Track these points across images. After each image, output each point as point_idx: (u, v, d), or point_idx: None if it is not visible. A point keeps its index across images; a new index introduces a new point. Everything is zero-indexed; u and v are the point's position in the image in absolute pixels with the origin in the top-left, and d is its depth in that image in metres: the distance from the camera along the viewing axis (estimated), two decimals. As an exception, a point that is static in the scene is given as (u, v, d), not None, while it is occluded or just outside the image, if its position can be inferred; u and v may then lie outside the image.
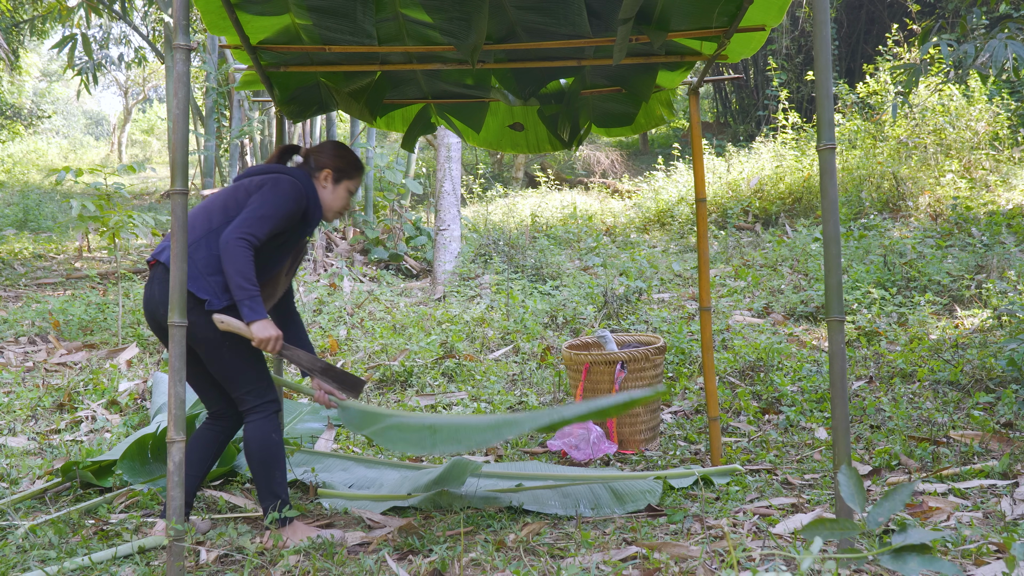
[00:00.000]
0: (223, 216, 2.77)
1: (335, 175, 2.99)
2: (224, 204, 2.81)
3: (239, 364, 2.74)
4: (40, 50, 25.46)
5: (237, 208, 2.78)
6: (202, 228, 2.76)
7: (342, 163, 3.01)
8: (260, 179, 2.85)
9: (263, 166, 2.96)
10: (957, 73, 5.32)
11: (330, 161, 2.99)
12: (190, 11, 2.53)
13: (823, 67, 2.32)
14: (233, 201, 2.81)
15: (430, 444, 2.62)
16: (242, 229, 2.67)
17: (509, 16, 2.98)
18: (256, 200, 2.76)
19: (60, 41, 10.74)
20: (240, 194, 2.83)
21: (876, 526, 1.54)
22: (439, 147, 8.32)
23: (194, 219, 2.79)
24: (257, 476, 2.77)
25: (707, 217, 4.10)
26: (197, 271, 2.69)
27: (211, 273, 2.70)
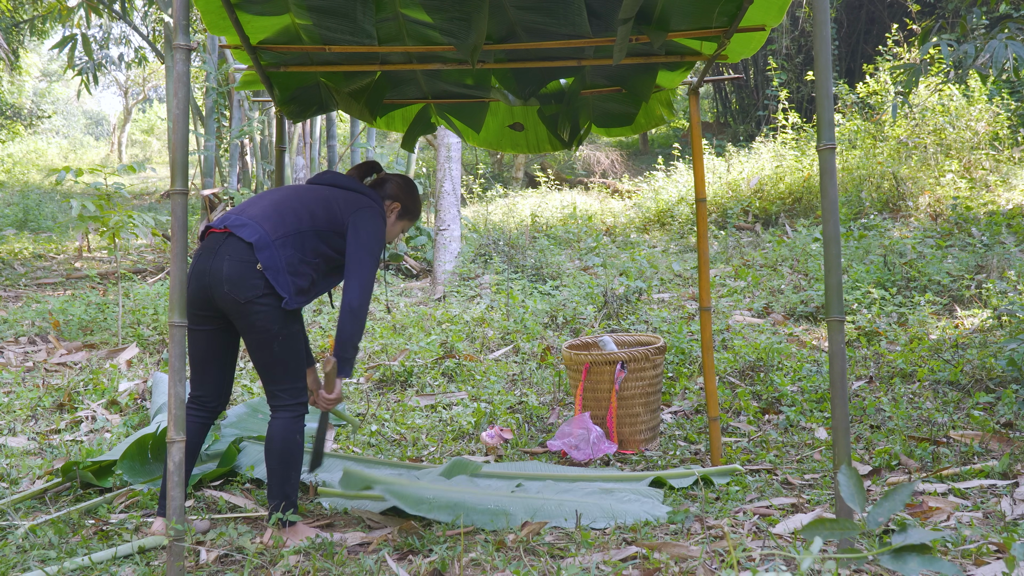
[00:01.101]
0: (312, 220, 2.79)
1: (401, 211, 3.10)
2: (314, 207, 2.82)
3: (285, 360, 2.76)
4: (40, 50, 25.46)
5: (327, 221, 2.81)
6: (292, 225, 2.76)
7: (411, 203, 3.12)
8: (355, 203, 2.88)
9: (346, 179, 3.00)
10: (957, 73, 5.32)
11: (401, 196, 3.08)
12: (190, 11, 2.53)
13: (823, 67, 2.32)
14: (323, 212, 2.82)
15: (426, 511, 2.88)
16: (368, 291, 2.78)
17: (509, 16, 2.98)
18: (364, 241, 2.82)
19: (60, 41, 10.74)
20: (333, 207, 2.85)
21: (876, 526, 1.54)
22: (439, 147, 8.32)
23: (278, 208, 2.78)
24: (272, 472, 2.78)
25: (707, 217, 4.10)
26: (281, 267, 2.69)
27: (292, 273, 2.72)
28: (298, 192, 2.90)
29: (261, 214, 2.75)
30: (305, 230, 2.77)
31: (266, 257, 2.67)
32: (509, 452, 3.87)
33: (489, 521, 2.87)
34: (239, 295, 2.66)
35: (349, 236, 2.83)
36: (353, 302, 2.76)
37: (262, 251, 2.67)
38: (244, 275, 2.66)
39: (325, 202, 2.86)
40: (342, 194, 2.92)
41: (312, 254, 2.78)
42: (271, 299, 2.68)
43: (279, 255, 2.69)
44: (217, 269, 2.68)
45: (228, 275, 2.66)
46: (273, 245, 2.69)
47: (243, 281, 2.66)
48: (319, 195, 2.88)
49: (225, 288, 2.66)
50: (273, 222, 2.73)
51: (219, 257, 2.70)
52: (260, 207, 2.79)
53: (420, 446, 4.02)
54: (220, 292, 2.68)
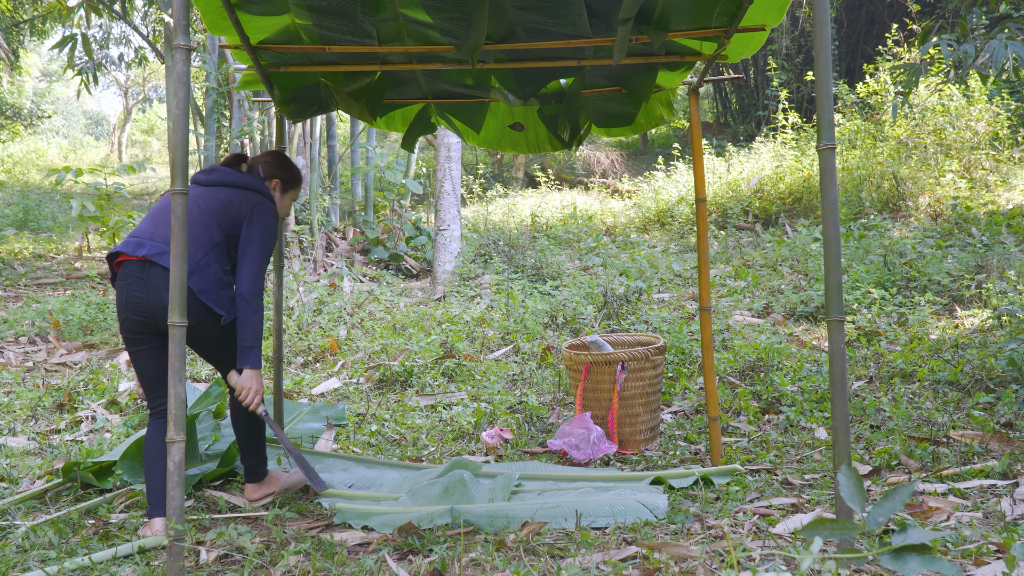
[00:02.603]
0: (220, 232, 2.95)
1: (283, 185, 3.23)
2: (219, 219, 2.96)
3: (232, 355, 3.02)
4: (40, 50, 25.46)
5: (231, 226, 2.97)
6: (207, 242, 2.90)
7: (288, 174, 3.23)
8: (249, 201, 3.01)
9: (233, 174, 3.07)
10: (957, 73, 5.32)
11: (278, 172, 3.21)
12: (190, 11, 2.53)
13: (823, 67, 2.32)
14: (227, 218, 2.97)
15: (427, 522, 2.91)
16: (260, 278, 2.94)
17: (509, 16, 2.98)
18: (257, 237, 2.97)
19: (60, 41, 10.73)
20: (232, 211, 2.98)
21: (876, 526, 1.54)
22: (439, 147, 8.32)
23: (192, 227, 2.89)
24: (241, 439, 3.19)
25: (707, 217, 4.11)
26: (212, 287, 2.86)
27: (221, 288, 2.91)
28: (200, 204, 2.97)
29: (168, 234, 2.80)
30: (218, 241, 2.93)
31: (196, 282, 2.82)
32: (509, 452, 3.87)
33: (489, 522, 2.87)
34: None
35: (243, 231, 2.98)
36: (244, 291, 2.91)
37: (191, 277, 2.79)
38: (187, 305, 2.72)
39: (225, 208, 2.99)
40: (236, 194, 3.03)
41: (228, 260, 2.98)
42: (211, 318, 2.89)
43: (205, 276, 2.86)
44: (156, 300, 2.80)
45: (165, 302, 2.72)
46: (199, 268, 2.84)
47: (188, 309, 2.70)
48: (219, 201, 2.99)
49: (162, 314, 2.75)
50: (192, 245, 2.85)
51: (153, 288, 2.81)
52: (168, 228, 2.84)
53: (420, 446, 4.02)
54: (159, 317, 2.80)
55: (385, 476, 3.50)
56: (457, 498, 3.08)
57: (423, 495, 3.16)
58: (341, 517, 3.03)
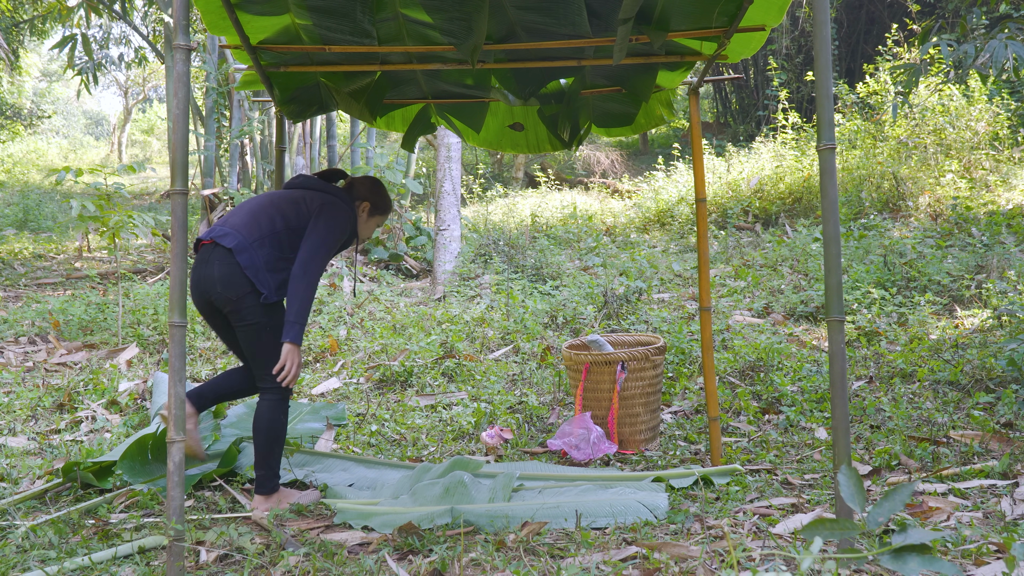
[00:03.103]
0: (284, 221, 3.12)
1: (371, 209, 3.37)
2: (286, 209, 3.15)
3: (271, 350, 3.06)
4: (40, 50, 25.46)
5: (297, 218, 3.14)
6: (267, 228, 3.09)
7: (379, 200, 3.39)
8: (320, 200, 3.19)
9: (316, 180, 3.29)
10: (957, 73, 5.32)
11: (370, 196, 3.36)
12: (190, 11, 2.53)
13: (823, 67, 2.32)
14: (294, 210, 3.15)
15: (427, 523, 2.90)
16: (314, 260, 3.06)
17: (509, 16, 2.98)
18: (321, 229, 3.11)
19: (60, 41, 10.73)
20: (301, 207, 3.16)
21: (876, 526, 1.54)
22: (439, 147, 8.32)
23: (254, 215, 3.12)
24: (258, 447, 3.10)
25: (707, 217, 4.11)
26: (260, 265, 3.03)
27: (271, 271, 3.06)
28: (272, 198, 3.21)
29: (240, 222, 3.10)
30: (280, 231, 3.11)
31: (245, 259, 3.02)
32: (509, 452, 3.87)
33: (489, 522, 2.87)
34: (230, 293, 3.01)
35: (309, 224, 3.13)
36: (296, 270, 3.04)
37: (241, 254, 3.02)
38: (231, 275, 3.01)
39: (295, 203, 3.17)
40: (310, 194, 3.22)
41: (290, 250, 3.11)
42: (255, 296, 3.03)
43: (257, 255, 3.04)
44: (209, 275, 3.04)
45: (219, 277, 3.02)
46: (251, 248, 3.04)
47: (230, 280, 3.01)
48: (290, 198, 3.20)
49: (218, 288, 3.02)
50: (250, 228, 3.08)
51: (209, 264, 3.06)
52: (239, 216, 3.14)
53: (420, 446, 4.02)
54: (215, 293, 3.04)
55: (385, 476, 3.50)
56: (457, 498, 3.08)
57: (423, 495, 3.16)
58: (341, 517, 3.04)
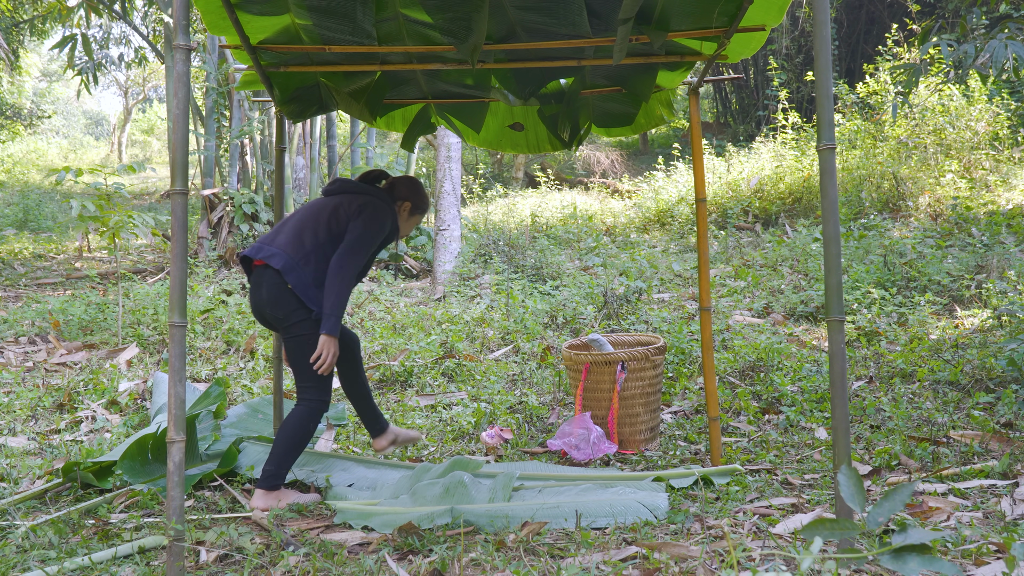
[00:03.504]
0: (327, 232, 3.21)
1: (412, 208, 3.48)
2: (327, 220, 3.24)
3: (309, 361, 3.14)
4: (40, 50, 25.46)
5: (339, 225, 3.22)
6: (311, 243, 3.19)
7: (419, 200, 3.50)
8: (359, 201, 3.28)
9: (354, 184, 3.38)
10: (957, 73, 5.32)
11: (410, 196, 3.47)
12: (190, 11, 2.53)
13: (823, 67, 2.32)
14: (335, 219, 3.23)
15: (427, 523, 2.90)
16: (350, 257, 3.15)
17: (509, 16, 2.98)
18: (359, 226, 3.20)
19: (60, 41, 10.73)
20: (341, 213, 3.25)
21: (876, 526, 1.54)
22: (439, 147, 8.32)
23: (297, 232, 3.21)
24: (276, 446, 3.17)
25: (707, 217, 4.11)
26: (308, 283, 3.14)
27: (317, 286, 3.16)
28: (312, 210, 3.30)
29: (285, 241, 3.21)
30: (323, 243, 3.20)
31: (294, 278, 3.13)
32: (509, 452, 3.87)
33: (489, 522, 2.86)
34: (278, 312, 3.16)
35: (349, 225, 3.23)
36: (333, 264, 3.14)
37: (289, 274, 3.13)
38: (279, 296, 3.14)
39: (335, 211, 3.26)
40: (348, 198, 3.30)
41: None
42: (304, 312, 3.13)
43: (304, 273, 3.14)
44: (260, 297, 3.20)
45: (267, 299, 3.17)
46: (298, 267, 3.14)
47: (278, 301, 3.15)
48: (330, 206, 3.28)
49: (268, 310, 3.18)
50: (295, 246, 3.19)
51: (260, 288, 3.20)
52: (284, 234, 3.24)
53: (420, 446, 4.02)
54: (267, 313, 3.20)
55: (385, 476, 3.50)
56: (457, 498, 3.08)
57: (423, 495, 3.15)
58: (341, 517, 3.04)
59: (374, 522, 2.96)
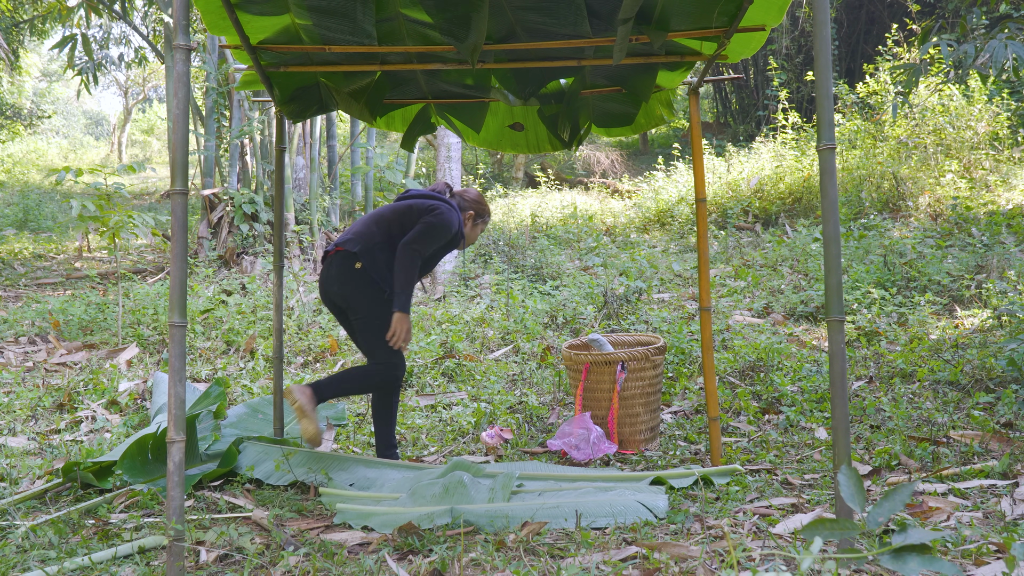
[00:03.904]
0: (400, 228, 3.54)
1: (475, 217, 3.80)
2: (399, 218, 3.56)
3: (382, 338, 3.46)
4: (40, 50, 25.46)
5: (411, 223, 3.53)
6: (383, 235, 3.53)
7: (482, 209, 3.82)
8: (428, 204, 3.58)
9: (425, 191, 3.70)
10: (957, 73, 5.32)
11: (474, 206, 3.78)
12: (190, 11, 2.53)
13: (823, 67, 2.32)
14: (408, 218, 3.55)
15: (427, 523, 2.91)
16: (417, 243, 3.46)
17: (509, 16, 2.98)
18: (429, 219, 3.51)
19: (60, 41, 10.73)
20: (413, 213, 3.56)
21: (876, 526, 1.54)
22: (439, 147, 8.32)
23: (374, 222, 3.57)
24: (336, 379, 3.54)
25: (707, 217, 4.11)
26: (381, 267, 3.48)
27: (388, 270, 3.49)
28: (387, 209, 3.66)
29: (361, 229, 3.57)
30: (395, 235, 3.52)
31: (366, 260, 3.47)
32: (509, 452, 3.87)
33: (489, 522, 2.86)
34: (345, 290, 3.49)
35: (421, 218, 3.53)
36: (399, 251, 3.46)
37: (363, 256, 3.48)
38: (347, 275, 3.48)
39: (408, 210, 3.59)
40: (419, 201, 3.62)
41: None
42: (370, 291, 3.46)
43: (374, 258, 3.48)
44: (330, 276, 3.53)
45: (335, 275, 3.51)
46: (371, 250, 3.49)
47: (346, 279, 3.48)
48: (402, 208, 3.61)
49: (336, 288, 3.51)
50: (370, 233, 3.54)
51: (331, 266, 3.54)
52: (360, 225, 3.61)
53: (420, 446, 4.02)
54: (334, 292, 3.53)
55: (385, 476, 3.50)
56: (457, 498, 3.08)
57: (423, 495, 3.15)
58: (341, 517, 3.04)
59: (374, 522, 2.96)
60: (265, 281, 7.92)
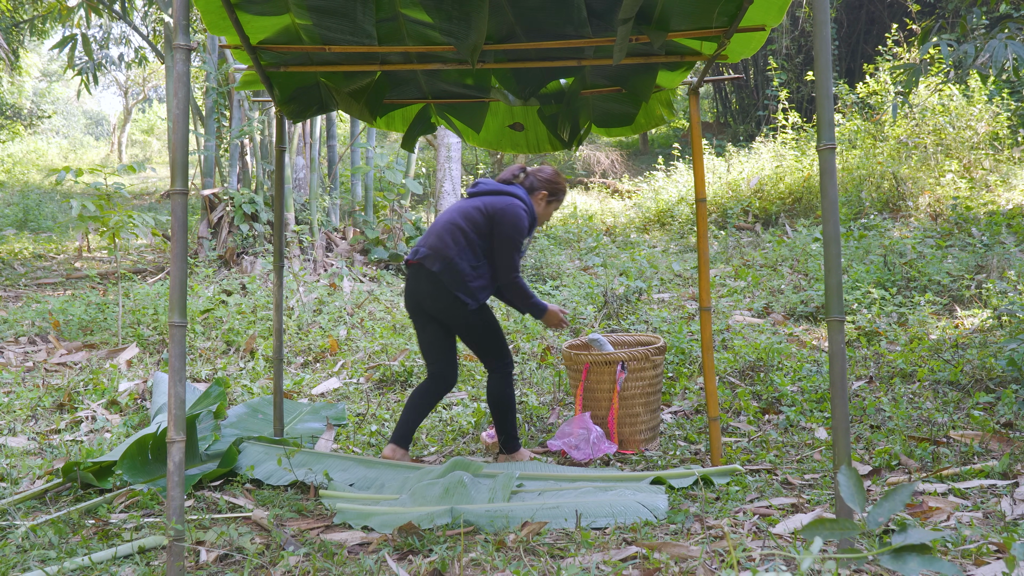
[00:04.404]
0: (475, 231, 3.57)
1: (548, 196, 3.78)
2: (471, 222, 3.58)
3: (488, 340, 3.64)
4: (40, 50, 25.45)
5: (484, 223, 3.57)
6: (461, 242, 3.55)
7: (555, 187, 3.79)
8: (497, 205, 3.58)
9: (493, 184, 3.69)
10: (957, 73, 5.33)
11: (547, 185, 3.77)
12: (190, 11, 2.53)
13: (823, 67, 2.32)
14: (479, 219, 3.58)
15: (427, 523, 2.91)
16: (511, 269, 3.58)
17: (509, 16, 2.97)
18: (502, 237, 3.56)
19: (60, 41, 10.73)
20: (482, 211, 3.58)
21: (876, 526, 1.54)
22: (439, 147, 8.32)
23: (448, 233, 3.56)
24: (494, 416, 3.70)
25: (707, 217, 4.11)
26: (462, 279, 3.52)
27: (468, 281, 3.54)
28: (457, 212, 3.64)
29: (437, 243, 3.57)
30: (473, 240, 3.56)
31: (448, 278, 3.51)
32: (509, 452, 3.86)
33: (489, 522, 2.86)
34: (439, 305, 3.56)
35: (495, 234, 3.58)
36: (501, 281, 3.61)
37: (444, 274, 3.52)
38: (437, 292, 3.54)
39: (477, 210, 3.60)
40: (487, 199, 3.62)
41: (481, 255, 3.58)
42: (460, 306, 3.53)
43: (456, 271, 3.52)
44: (419, 290, 3.61)
45: (427, 293, 3.57)
46: (451, 266, 3.52)
47: (437, 295, 3.55)
48: (472, 207, 3.62)
49: (428, 303, 3.59)
50: (446, 246, 3.55)
51: (419, 282, 3.60)
52: (434, 235, 3.61)
53: (420, 446, 4.02)
54: (428, 307, 3.61)
55: (385, 476, 3.50)
56: (457, 498, 3.08)
57: (423, 495, 3.15)
58: (341, 517, 3.04)
59: (374, 522, 2.96)
60: (265, 281, 7.92)
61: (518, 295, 3.64)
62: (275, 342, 3.90)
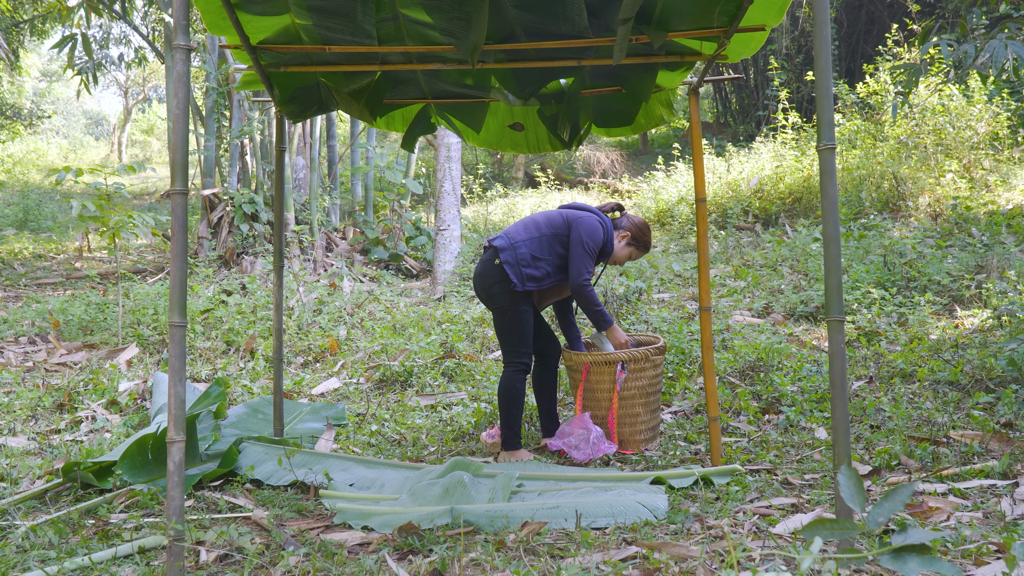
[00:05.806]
0: (549, 227, 3.79)
1: (630, 239, 3.94)
2: (548, 220, 3.81)
3: (512, 331, 3.74)
4: (40, 50, 25.46)
5: (562, 226, 3.78)
6: (531, 231, 3.78)
7: (640, 236, 3.95)
8: (579, 215, 3.80)
9: (584, 204, 3.90)
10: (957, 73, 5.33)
11: (632, 229, 3.93)
12: (190, 11, 2.53)
13: (823, 67, 2.32)
14: (557, 220, 3.80)
15: (427, 523, 2.91)
16: (582, 273, 3.71)
17: (509, 16, 2.98)
18: (576, 241, 3.73)
19: (60, 41, 10.73)
20: (564, 219, 3.79)
21: (876, 526, 1.54)
22: (439, 147, 8.32)
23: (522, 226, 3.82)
24: (500, 409, 3.77)
25: (707, 217, 4.12)
26: (517, 260, 3.72)
27: (526, 266, 3.73)
28: (544, 213, 3.89)
29: (512, 229, 3.83)
30: (545, 233, 3.77)
31: (506, 255, 3.72)
32: (509, 452, 3.86)
33: (489, 522, 2.86)
34: (484, 282, 3.78)
35: (571, 239, 3.74)
36: (573, 281, 3.73)
37: (503, 252, 3.73)
38: (487, 270, 3.77)
39: (560, 215, 3.83)
40: (573, 212, 3.84)
41: (548, 252, 3.76)
42: (505, 284, 3.70)
43: (515, 252, 3.72)
44: (476, 271, 3.85)
45: (479, 271, 3.82)
46: (514, 247, 3.73)
47: (484, 273, 3.78)
48: (557, 212, 3.86)
49: (477, 281, 3.83)
50: (517, 232, 3.80)
51: (483, 264, 3.81)
52: (515, 225, 3.86)
53: (420, 446, 4.02)
54: (477, 285, 3.83)
55: (385, 476, 3.50)
56: (457, 498, 3.08)
57: (423, 495, 3.15)
58: (341, 517, 3.04)
59: (374, 522, 2.96)
60: (265, 281, 7.92)
61: (585, 301, 3.76)
62: (275, 342, 3.91)
